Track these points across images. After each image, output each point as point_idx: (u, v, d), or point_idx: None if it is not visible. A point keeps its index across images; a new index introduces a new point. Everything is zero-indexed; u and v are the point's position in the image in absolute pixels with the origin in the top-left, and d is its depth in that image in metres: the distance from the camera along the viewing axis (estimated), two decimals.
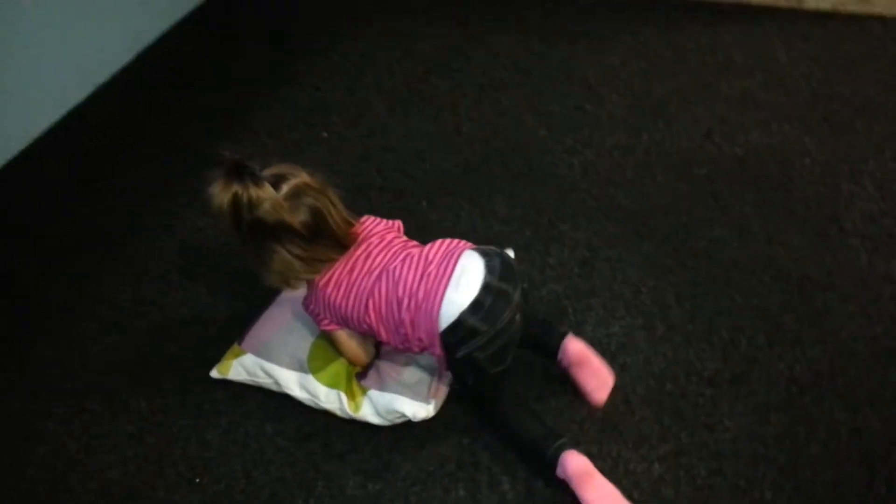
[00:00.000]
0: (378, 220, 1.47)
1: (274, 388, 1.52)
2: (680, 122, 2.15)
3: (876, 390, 1.48)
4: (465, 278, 1.31)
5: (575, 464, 1.31)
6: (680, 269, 1.74)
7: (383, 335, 1.39)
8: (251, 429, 1.51)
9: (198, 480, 1.44)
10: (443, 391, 1.47)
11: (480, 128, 2.19)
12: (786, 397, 1.48)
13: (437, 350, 1.34)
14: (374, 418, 1.45)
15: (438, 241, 1.40)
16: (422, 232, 1.85)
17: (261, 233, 1.29)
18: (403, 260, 1.37)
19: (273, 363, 1.50)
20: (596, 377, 1.47)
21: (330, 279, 1.38)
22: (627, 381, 1.52)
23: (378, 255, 1.38)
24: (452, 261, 1.34)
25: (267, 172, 1.29)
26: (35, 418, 1.57)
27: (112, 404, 1.57)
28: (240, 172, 1.25)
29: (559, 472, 1.32)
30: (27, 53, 2.15)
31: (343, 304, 1.38)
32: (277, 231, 1.28)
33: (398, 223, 1.50)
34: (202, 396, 1.56)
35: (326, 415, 1.50)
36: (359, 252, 1.39)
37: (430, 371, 1.47)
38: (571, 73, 2.37)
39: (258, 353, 1.52)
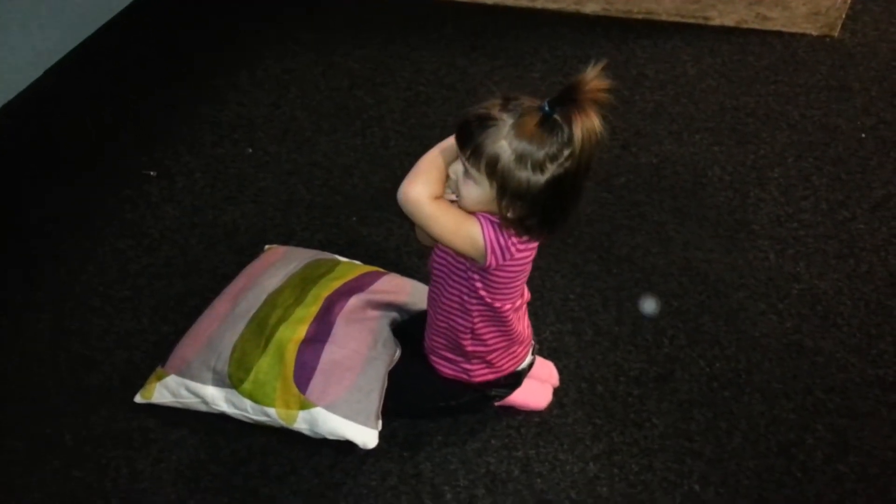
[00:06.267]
0: None
1: (203, 407, 1.49)
2: None
3: (789, 382, 1.59)
4: None
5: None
6: (605, 275, 1.81)
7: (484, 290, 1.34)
8: (184, 456, 1.47)
9: None
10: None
11: (408, 141, 2.22)
12: (707, 393, 1.57)
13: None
14: (309, 433, 1.43)
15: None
16: (352, 247, 1.86)
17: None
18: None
19: (197, 381, 1.47)
20: (545, 366, 1.58)
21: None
22: (560, 384, 1.57)
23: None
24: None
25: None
26: None
27: (34, 440, 1.50)
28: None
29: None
30: None
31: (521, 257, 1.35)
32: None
33: None
34: (131, 425, 1.51)
35: (262, 435, 1.48)
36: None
37: (380, 379, 1.45)
38: (494, 88, 2.43)
39: (181, 374, 1.48)
